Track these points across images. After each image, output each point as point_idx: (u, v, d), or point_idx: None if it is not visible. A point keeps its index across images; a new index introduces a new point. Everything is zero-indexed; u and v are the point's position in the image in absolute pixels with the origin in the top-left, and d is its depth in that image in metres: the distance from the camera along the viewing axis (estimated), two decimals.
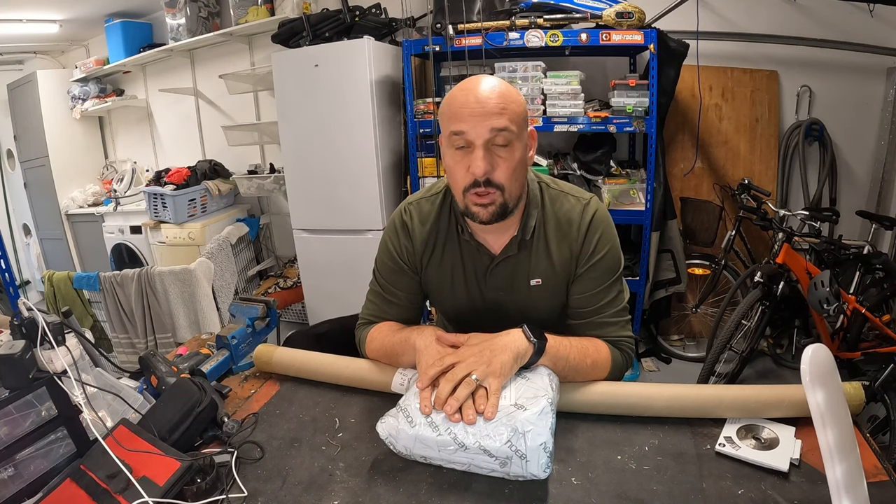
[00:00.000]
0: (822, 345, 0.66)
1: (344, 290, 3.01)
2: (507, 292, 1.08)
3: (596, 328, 1.04)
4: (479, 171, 0.89)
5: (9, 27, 3.45)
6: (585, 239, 1.02)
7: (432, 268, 1.10)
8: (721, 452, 0.83)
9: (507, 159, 0.91)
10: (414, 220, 1.09)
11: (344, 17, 2.70)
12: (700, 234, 2.67)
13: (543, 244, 1.04)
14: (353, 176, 2.79)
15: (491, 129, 0.88)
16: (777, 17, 2.65)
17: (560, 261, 1.04)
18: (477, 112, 0.88)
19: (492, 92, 0.89)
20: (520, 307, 1.08)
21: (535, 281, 1.05)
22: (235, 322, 1.28)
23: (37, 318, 0.89)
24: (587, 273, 1.03)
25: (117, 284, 2.64)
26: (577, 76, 2.45)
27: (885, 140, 2.63)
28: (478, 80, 0.92)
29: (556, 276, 1.05)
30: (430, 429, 0.80)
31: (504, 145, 0.90)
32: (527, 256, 1.04)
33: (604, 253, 1.02)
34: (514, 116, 0.90)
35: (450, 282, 1.10)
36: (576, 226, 1.02)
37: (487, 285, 1.08)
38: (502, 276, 1.06)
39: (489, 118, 0.88)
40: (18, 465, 0.84)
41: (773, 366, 2.67)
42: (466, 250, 1.07)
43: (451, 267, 1.09)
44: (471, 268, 1.08)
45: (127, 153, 4.26)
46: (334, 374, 1.11)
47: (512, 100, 0.90)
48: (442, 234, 1.08)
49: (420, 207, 1.10)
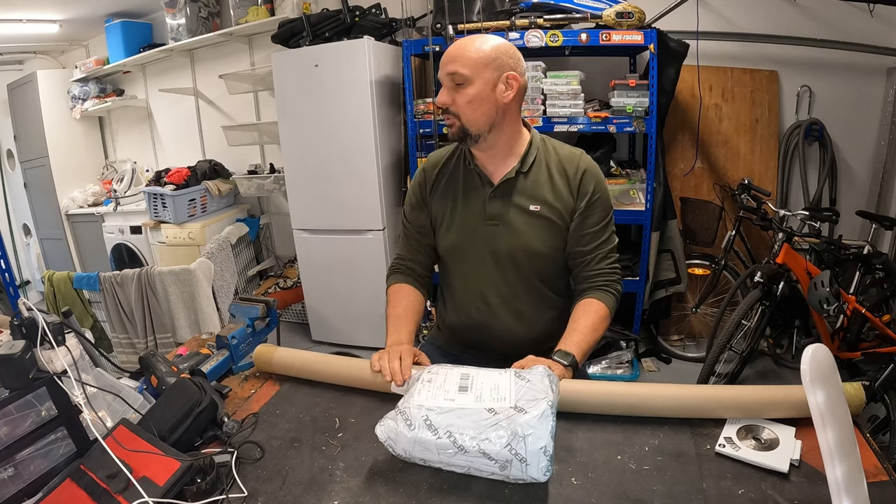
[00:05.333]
0: (822, 345, 0.65)
1: (344, 290, 3.02)
2: (504, 221, 1.19)
3: (594, 264, 1.20)
4: (439, 101, 1.15)
5: (9, 27, 3.45)
6: (583, 180, 1.18)
7: (437, 194, 1.27)
8: (721, 453, 0.83)
9: (461, 95, 1.12)
10: (430, 160, 1.31)
11: (344, 17, 2.70)
12: (700, 234, 2.67)
13: (546, 175, 1.19)
14: (353, 176, 2.80)
15: (447, 74, 1.13)
16: (777, 17, 2.65)
17: (561, 192, 1.18)
18: (444, 61, 1.13)
19: (460, 46, 1.13)
20: (515, 235, 1.19)
21: (534, 206, 1.18)
22: (235, 322, 1.28)
23: (37, 318, 0.89)
24: (588, 210, 1.18)
25: (117, 284, 2.64)
26: (577, 76, 2.45)
27: (885, 140, 2.63)
28: (467, 38, 1.15)
29: (556, 205, 1.18)
30: (429, 431, 0.80)
31: (459, 84, 1.12)
32: (527, 184, 1.19)
33: (601, 194, 1.19)
34: (467, 62, 1.11)
35: (451, 207, 1.24)
36: (574, 165, 1.19)
37: (486, 213, 1.20)
38: (500, 202, 1.20)
39: (448, 65, 1.12)
40: (18, 465, 0.84)
41: (773, 366, 2.67)
42: (470, 179, 1.23)
43: (454, 192, 1.24)
44: (472, 195, 1.22)
45: (127, 153, 4.25)
46: (334, 375, 1.11)
47: (469, 50, 1.11)
48: (450, 167, 1.27)
49: (436, 153, 1.33)
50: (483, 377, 0.90)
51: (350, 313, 3.06)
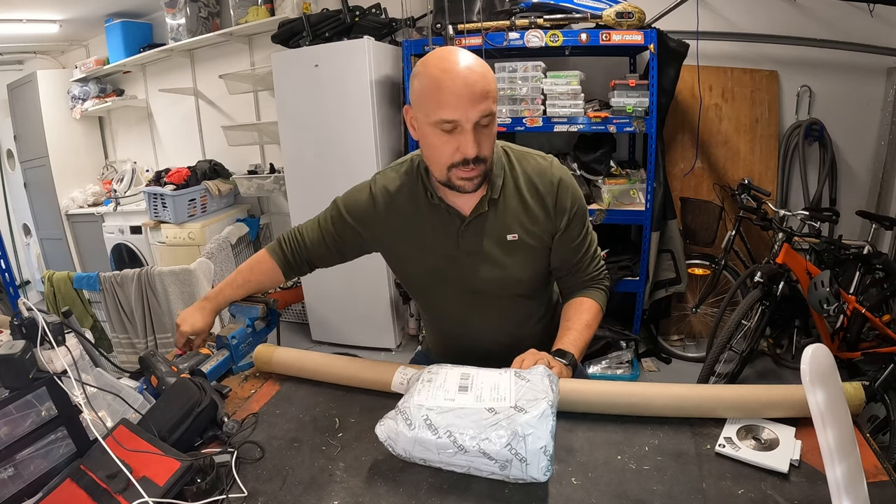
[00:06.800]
0: (822, 345, 0.65)
1: (344, 290, 3.02)
2: (481, 253, 1.09)
3: (582, 271, 1.15)
4: (472, 153, 0.94)
5: (9, 27, 3.45)
6: (559, 196, 1.07)
7: (397, 233, 1.13)
8: (721, 453, 0.83)
9: (490, 135, 0.97)
10: (378, 185, 1.15)
11: (344, 17, 2.70)
12: (700, 234, 2.67)
13: (517, 200, 1.08)
14: (354, 176, 2.72)
15: (480, 114, 0.92)
16: (777, 17, 2.65)
17: (537, 215, 1.08)
18: (465, 100, 0.91)
19: (474, 73, 0.92)
20: (495, 268, 1.09)
21: (511, 236, 1.08)
22: (235, 322, 1.28)
23: (37, 318, 0.89)
24: (570, 225, 1.09)
25: (117, 284, 2.64)
26: (577, 76, 2.45)
27: (885, 140, 2.63)
28: (454, 57, 0.93)
29: (534, 230, 1.08)
30: (428, 431, 0.80)
31: (487, 125, 0.95)
32: (500, 213, 1.08)
33: (578, 204, 1.10)
34: (495, 94, 0.95)
35: (419, 246, 1.12)
36: (546, 181, 1.08)
37: (460, 248, 1.09)
38: (475, 236, 1.09)
39: (478, 104, 0.91)
40: (18, 465, 0.84)
41: (773, 366, 2.67)
42: (436, 215, 1.09)
43: (421, 232, 1.11)
44: (441, 232, 1.09)
45: (127, 153, 4.26)
46: (334, 374, 1.11)
47: (490, 77, 0.95)
48: (409, 200, 1.11)
49: (386, 176, 1.15)
50: (483, 377, 0.90)
51: (350, 313, 3.06)
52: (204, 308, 1.18)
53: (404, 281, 1.22)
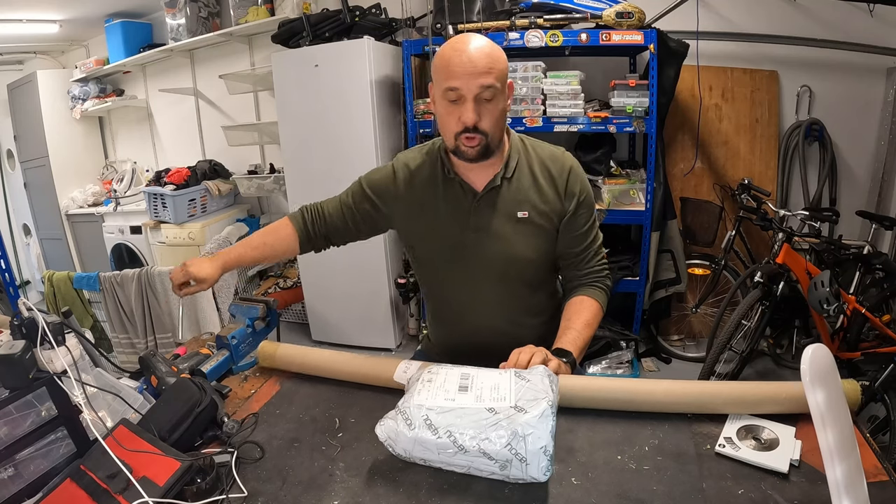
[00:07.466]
0: (822, 345, 0.66)
1: (344, 290, 3.02)
2: (490, 229, 1.14)
3: (584, 264, 1.19)
4: (470, 121, 1.03)
5: (9, 27, 3.45)
6: (569, 180, 1.14)
7: (412, 209, 1.19)
8: (721, 453, 0.83)
9: (492, 110, 1.05)
10: (400, 163, 1.22)
11: (344, 17, 2.70)
12: (700, 234, 2.67)
13: (530, 179, 1.15)
14: (354, 176, 2.74)
15: (480, 86, 1.01)
16: (777, 17, 2.65)
17: (548, 195, 1.14)
18: (469, 71, 1.00)
19: (481, 52, 1.02)
20: (502, 243, 1.14)
21: (521, 213, 1.13)
22: (235, 322, 1.28)
23: (37, 318, 0.89)
24: (577, 211, 1.15)
25: (117, 284, 2.64)
26: (577, 76, 2.45)
27: (885, 140, 2.63)
28: (468, 39, 1.03)
29: (544, 209, 1.14)
30: (429, 431, 0.80)
31: (490, 99, 1.03)
32: (513, 190, 1.14)
33: (587, 194, 1.16)
34: (500, 74, 1.03)
35: (431, 223, 1.17)
36: (559, 165, 1.15)
37: (470, 224, 1.14)
38: (486, 212, 1.14)
39: (479, 77, 1.01)
40: (18, 465, 0.84)
41: (773, 366, 2.67)
42: (450, 190, 1.16)
43: (435, 208, 1.17)
44: (454, 206, 1.16)
45: (127, 153, 4.26)
46: (336, 370, 1.11)
47: (497, 58, 1.03)
48: (427, 177, 1.18)
49: (407, 155, 1.24)
50: (483, 377, 0.90)
51: (350, 313, 3.06)
52: (214, 260, 1.16)
53: (414, 262, 1.27)
